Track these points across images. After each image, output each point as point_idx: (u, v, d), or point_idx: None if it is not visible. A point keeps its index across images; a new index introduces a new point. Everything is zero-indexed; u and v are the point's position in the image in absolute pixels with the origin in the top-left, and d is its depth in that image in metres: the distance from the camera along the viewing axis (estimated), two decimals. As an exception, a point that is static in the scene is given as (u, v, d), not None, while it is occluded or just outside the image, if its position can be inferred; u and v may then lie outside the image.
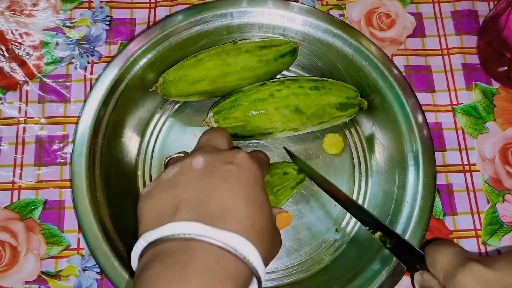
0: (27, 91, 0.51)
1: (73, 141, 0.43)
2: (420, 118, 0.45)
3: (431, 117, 0.52)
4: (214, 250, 0.26)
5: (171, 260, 0.26)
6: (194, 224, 0.27)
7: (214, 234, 0.26)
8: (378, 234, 0.40)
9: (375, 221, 0.41)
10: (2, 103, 0.51)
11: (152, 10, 0.55)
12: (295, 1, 0.54)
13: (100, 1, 0.55)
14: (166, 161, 0.37)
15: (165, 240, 0.27)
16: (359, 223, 0.48)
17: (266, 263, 0.30)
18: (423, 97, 0.53)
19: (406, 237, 0.42)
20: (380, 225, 0.40)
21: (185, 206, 0.29)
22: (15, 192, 0.48)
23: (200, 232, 0.26)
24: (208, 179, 0.30)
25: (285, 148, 0.50)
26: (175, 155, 0.36)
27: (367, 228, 0.41)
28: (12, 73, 0.52)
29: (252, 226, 0.28)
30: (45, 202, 0.48)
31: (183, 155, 0.36)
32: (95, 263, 0.45)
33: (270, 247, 0.31)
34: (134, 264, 0.29)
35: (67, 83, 0.52)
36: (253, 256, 0.27)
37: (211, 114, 0.46)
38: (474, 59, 0.55)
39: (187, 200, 0.29)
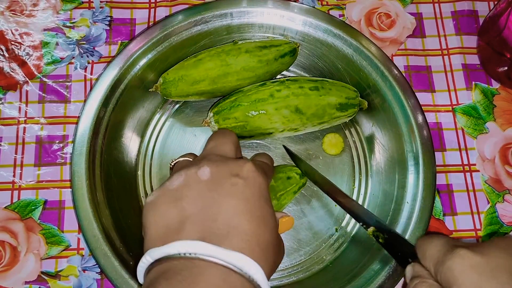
0: (27, 91, 0.51)
1: (73, 142, 0.43)
2: (420, 118, 0.45)
3: (431, 117, 0.52)
4: (220, 269, 0.27)
5: (178, 278, 0.26)
6: (200, 243, 0.27)
7: (219, 254, 0.27)
8: (371, 229, 0.40)
9: (368, 216, 0.40)
10: (2, 103, 0.51)
11: (152, 10, 0.55)
12: (295, 1, 0.54)
13: (100, 1, 0.55)
14: (172, 164, 0.37)
15: (171, 258, 0.27)
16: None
17: (270, 275, 0.30)
18: (423, 97, 0.52)
19: (406, 237, 0.42)
20: (373, 220, 0.39)
21: (191, 222, 0.29)
22: (15, 192, 0.48)
23: (206, 252, 0.27)
24: (213, 193, 0.30)
25: (284, 146, 0.50)
26: (181, 159, 0.36)
27: (361, 224, 0.40)
28: (12, 73, 0.52)
29: (257, 243, 0.29)
30: (45, 202, 0.48)
31: (190, 159, 0.36)
32: (95, 263, 0.45)
33: (274, 260, 0.31)
34: (140, 278, 0.30)
35: (67, 83, 0.52)
36: (258, 275, 0.27)
37: (211, 114, 0.46)
38: (474, 59, 0.55)
39: (192, 215, 0.29)
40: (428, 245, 0.34)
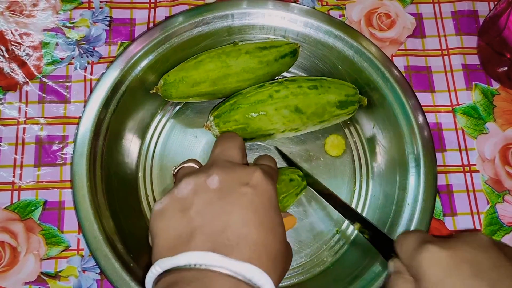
0: (27, 91, 0.51)
1: (74, 143, 0.43)
2: (420, 119, 0.45)
3: (431, 118, 0.52)
4: (229, 280, 0.27)
5: None
6: (210, 254, 0.27)
7: (229, 265, 0.27)
8: (357, 225, 0.41)
9: (354, 213, 0.43)
10: (2, 104, 0.51)
11: (152, 10, 0.55)
12: (295, 2, 0.54)
13: (100, 2, 0.54)
14: (175, 170, 0.37)
15: (181, 269, 0.27)
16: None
17: (279, 283, 0.31)
18: (423, 98, 0.52)
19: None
20: (358, 217, 0.42)
21: (200, 233, 0.29)
22: (15, 193, 0.48)
23: (216, 263, 0.27)
24: (222, 203, 0.30)
25: (277, 149, 0.50)
26: (185, 165, 0.36)
27: (347, 219, 0.43)
28: (12, 73, 0.52)
29: (266, 254, 0.29)
30: (45, 202, 0.48)
31: (193, 164, 0.36)
32: (95, 263, 0.45)
33: (283, 268, 0.31)
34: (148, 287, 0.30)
35: (67, 84, 0.52)
36: (268, 285, 0.28)
37: (211, 118, 0.45)
38: (474, 60, 0.55)
39: (201, 226, 0.29)
40: (403, 241, 0.36)
